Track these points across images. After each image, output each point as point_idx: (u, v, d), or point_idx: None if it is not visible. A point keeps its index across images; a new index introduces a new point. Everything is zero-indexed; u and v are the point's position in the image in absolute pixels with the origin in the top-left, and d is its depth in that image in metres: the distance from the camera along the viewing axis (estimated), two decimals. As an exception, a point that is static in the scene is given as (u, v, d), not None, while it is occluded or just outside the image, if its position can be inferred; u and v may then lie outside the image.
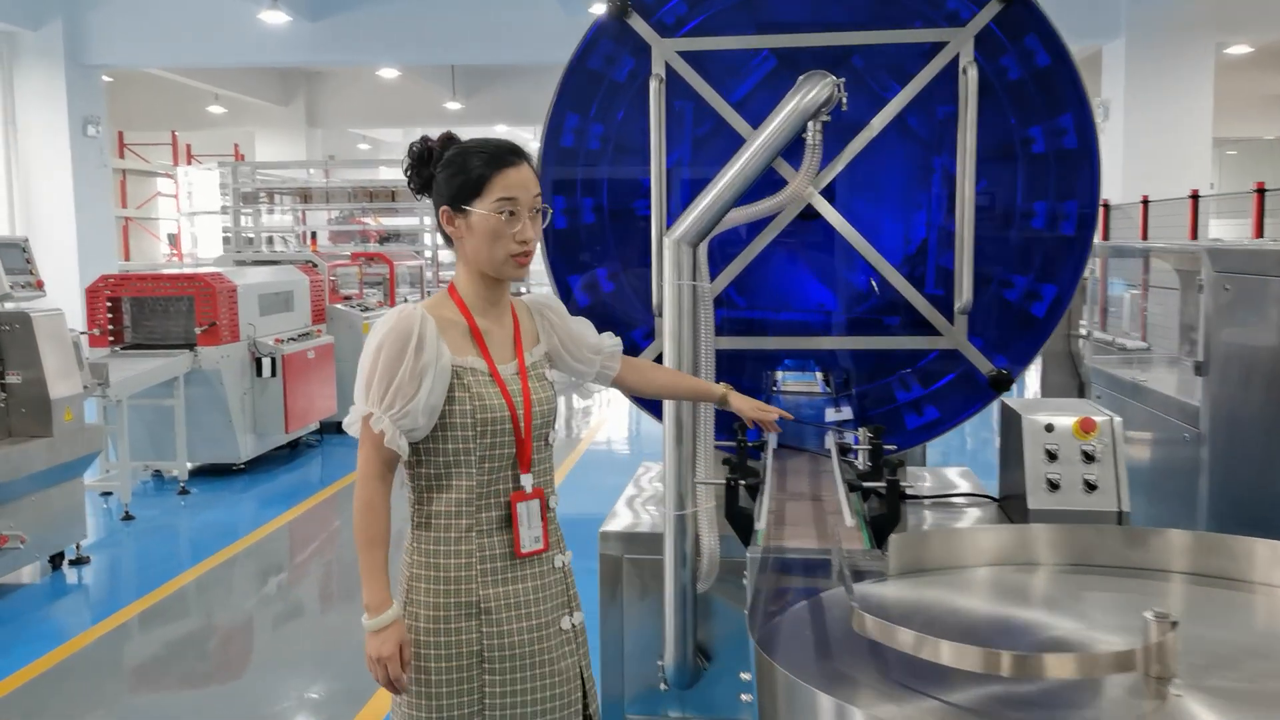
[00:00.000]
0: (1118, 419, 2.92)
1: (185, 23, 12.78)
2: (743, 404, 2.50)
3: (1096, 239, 3.06)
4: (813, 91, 2.79)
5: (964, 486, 3.36)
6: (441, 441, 2.04)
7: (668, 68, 3.06)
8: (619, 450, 9.78)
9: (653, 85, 3.03)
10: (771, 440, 2.91)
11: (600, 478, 7.99)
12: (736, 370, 3.21)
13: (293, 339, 8.35)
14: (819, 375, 3.34)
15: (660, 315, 3.11)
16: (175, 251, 18.24)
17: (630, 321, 3.24)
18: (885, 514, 2.43)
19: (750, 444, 2.95)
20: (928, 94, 3.02)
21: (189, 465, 7.73)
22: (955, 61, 2.96)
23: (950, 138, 3.07)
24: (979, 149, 2.94)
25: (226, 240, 15.13)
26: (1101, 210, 8.20)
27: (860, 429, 2.94)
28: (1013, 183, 3.03)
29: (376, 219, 16.61)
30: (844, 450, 2.91)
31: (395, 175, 17.95)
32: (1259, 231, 8.73)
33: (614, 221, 3.21)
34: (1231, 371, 3.64)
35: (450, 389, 2.02)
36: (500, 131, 22.98)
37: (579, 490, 7.32)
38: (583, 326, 2.34)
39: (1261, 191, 8.75)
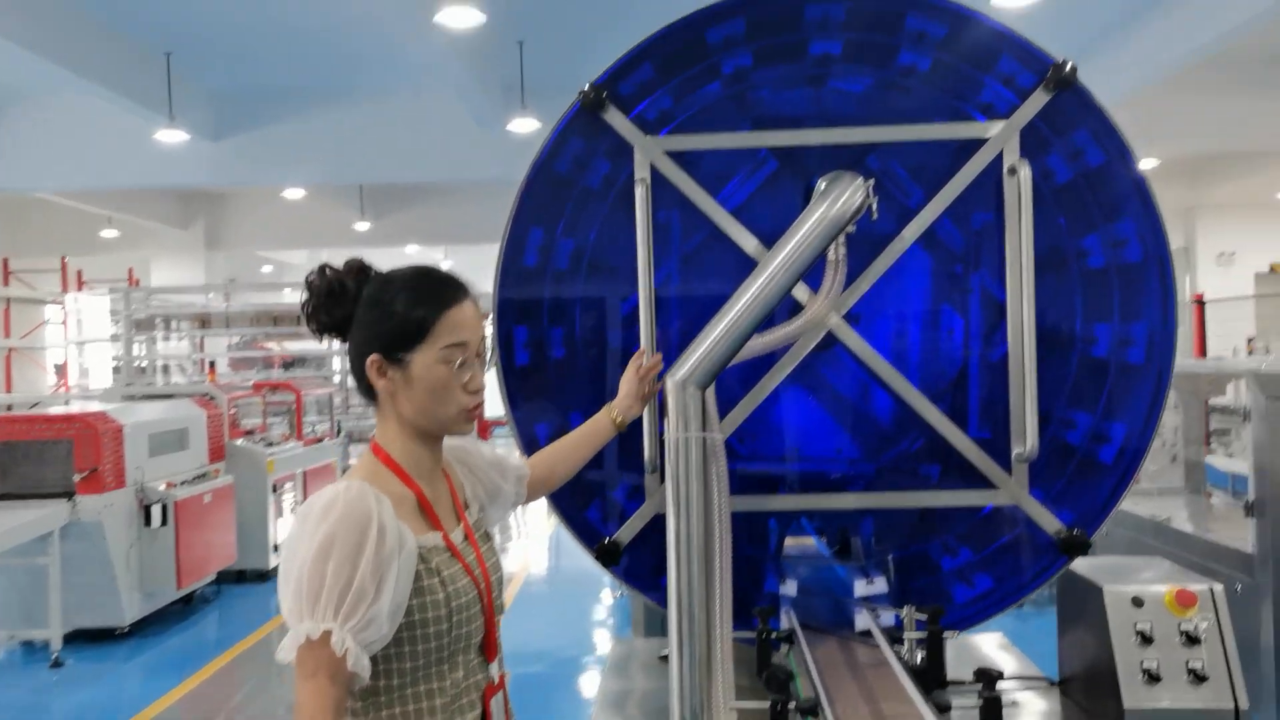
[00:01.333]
0: (1218, 587, 2.39)
1: (77, 144, 12.04)
2: (631, 397, 2.33)
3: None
4: (844, 197, 2.27)
5: (1007, 662, 2.77)
6: (407, 644, 1.67)
7: (653, 171, 2.53)
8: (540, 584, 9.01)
9: (638, 191, 2.48)
10: (795, 624, 2.31)
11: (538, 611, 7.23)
12: (736, 534, 2.61)
13: (187, 482, 7.50)
14: (841, 538, 2.75)
15: (655, 472, 2.51)
16: (62, 383, 17.12)
17: (611, 479, 2.63)
18: None
19: (775, 633, 2.35)
20: (962, 201, 2.54)
21: (63, 632, 6.74)
22: (996, 161, 2.49)
23: (989, 250, 2.58)
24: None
25: (117, 370, 14.13)
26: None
27: (907, 609, 2.36)
28: (1068, 303, 2.54)
29: (280, 344, 15.80)
30: (892, 638, 2.31)
31: (300, 298, 17.13)
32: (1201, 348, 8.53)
33: (590, 356, 2.62)
34: (1293, 512, 3.17)
35: (417, 578, 1.67)
36: (411, 253, 22.45)
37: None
38: (494, 459, 2.08)
39: (1201, 303, 8.59)
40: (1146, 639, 2.32)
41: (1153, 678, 2.28)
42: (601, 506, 2.63)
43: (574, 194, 2.61)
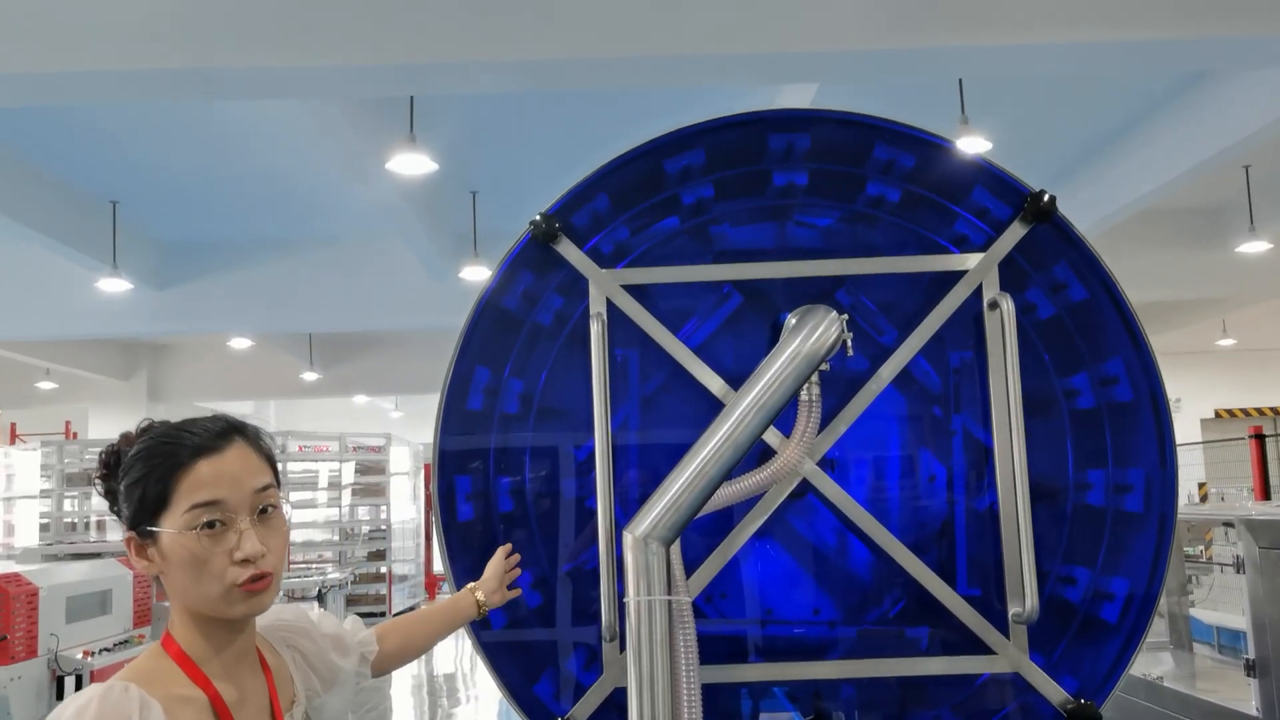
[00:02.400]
0: (1244, 763, 2.14)
1: (16, 293, 11.77)
2: (496, 580, 2.16)
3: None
4: (819, 331, 2.09)
5: None
6: None
7: (610, 306, 2.34)
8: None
9: (594, 327, 2.28)
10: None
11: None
12: (704, 708, 2.32)
13: (106, 649, 6.96)
14: (821, 710, 2.46)
15: (613, 640, 2.23)
16: (-13, 540, 16.31)
17: (565, 646, 2.34)
18: None
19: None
20: (938, 338, 2.37)
21: (-43, 821, 6.10)
22: (975, 295, 2.33)
23: (968, 390, 2.40)
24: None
25: (44, 528, 13.48)
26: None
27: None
28: (1058, 447, 2.35)
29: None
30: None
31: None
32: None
33: (540, 507, 2.37)
34: (1299, 671, 2.94)
35: None
36: (360, 403, 22.10)
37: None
38: (334, 633, 1.78)
39: (1260, 437, 8.28)
40: (1171, 827, 2.05)
41: None
42: (554, 679, 2.33)
43: (523, 331, 2.40)
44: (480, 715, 9.97)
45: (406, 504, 18.30)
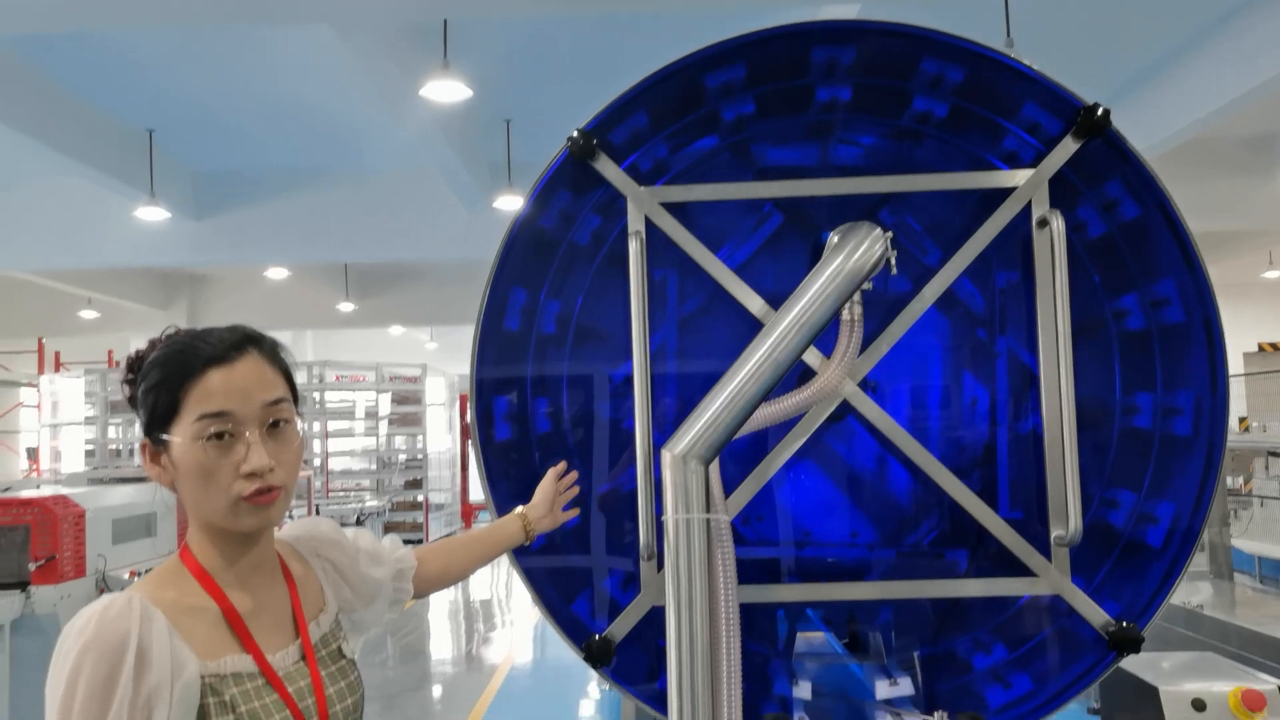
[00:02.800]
0: (1289, 687, 2.12)
1: (57, 223, 11.87)
2: (546, 505, 2.15)
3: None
4: (862, 248, 2.05)
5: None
6: None
7: (648, 225, 2.30)
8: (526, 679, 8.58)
9: (632, 246, 2.24)
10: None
11: None
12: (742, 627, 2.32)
13: (151, 570, 7.12)
14: (856, 633, 2.46)
15: (651, 559, 2.23)
16: (34, 467, 16.69)
17: (602, 566, 2.35)
18: None
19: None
20: (984, 258, 2.31)
21: (14, 733, 6.30)
22: (1023, 214, 2.27)
23: (1014, 312, 2.35)
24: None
25: (90, 454, 13.75)
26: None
27: (939, 714, 2.08)
28: (1106, 369, 2.30)
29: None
30: (926, 752, 2.02)
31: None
32: None
33: (578, 431, 2.36)
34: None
35: (204, 713, 1.35)
36: (396, 334, 22.23)
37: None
38: (368, 549, 1.76)
39: None
40: (1211, 749, 2.04)
41: (1221, 795, 2.00)
42: (590, 598, 2.34)
43: (560, 251, 2.37)
44: (516, 639, 10.14)
45: (442, 434, 18.49)
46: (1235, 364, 17.66)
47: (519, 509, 2.13)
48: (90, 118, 9.64)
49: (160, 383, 1.43)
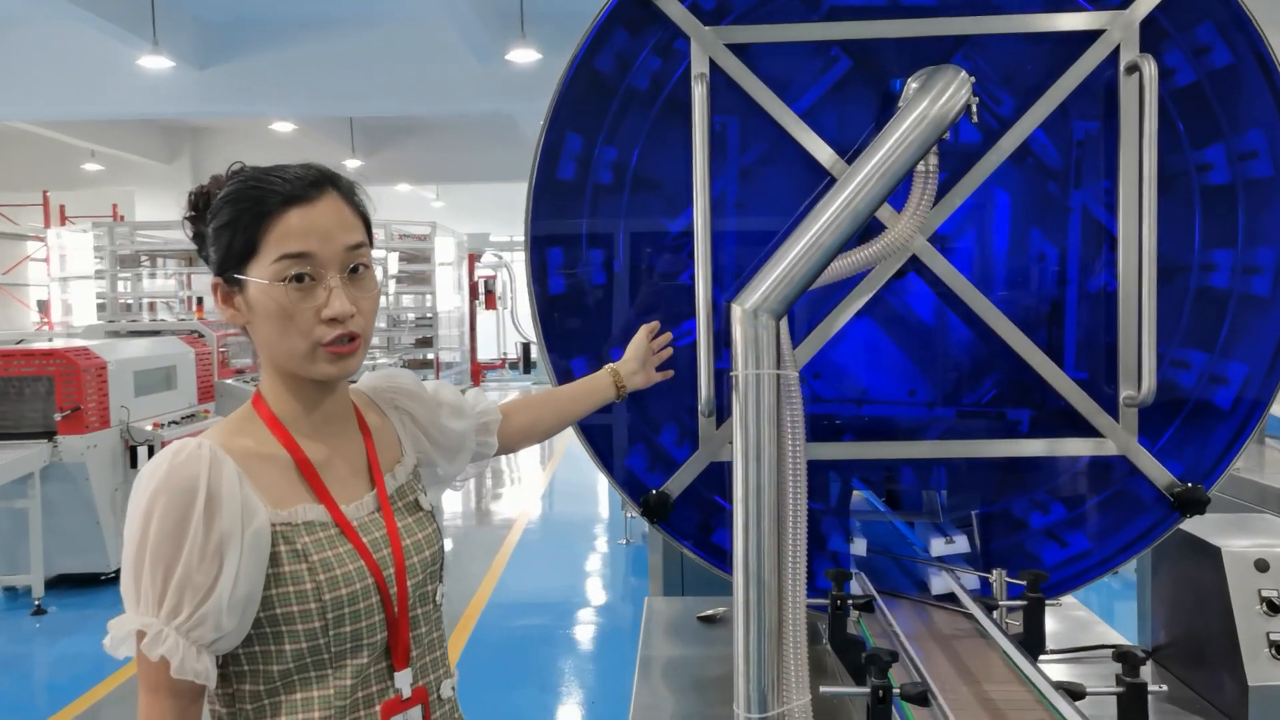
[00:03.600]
0: (1353, 549, 2.10)
1: (56, 71, 11.54)
2: (638, 362, 2.10)
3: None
4: (949, 91, 1.94)
5: (1081, 627, 2.49)
6: (271, 642, 1.33)
7: (712, 67, 2.18)
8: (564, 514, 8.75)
9: (696, 90, 2.13)
10: (871, 589, 2.03)
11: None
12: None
13: (175, 422, 7.18)
14: (909, 491, 2.45)
15: (710, 415, 2.19)
16: (45, 320, 16.71)
17: (657, 423, 2.32)
18: None
19: (850, 598, 2.07)
20: (1060, 108, 2.20)
21: (46, 577, 6.46)
22: (1106, 61, 2.15)
23: (1090, 166, 2.25)
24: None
25: (102, 307, 13.71)
26: None
27: (997, 573, 2.07)
28: (1185, 225, 2.21)
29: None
30: (989, 608, 2.02)
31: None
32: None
33: (635, 283, 2.29)
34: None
35: (275, 561, 1.32)
36: (403, 191, 21.97)
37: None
38: (449, 401, 1.71)
39: None
40: (1274, 607, 2.04)
41: (1281, 652, 2.01)
42: (646, 454, 2.32)
43: (618, 96, 2.26)
44: (524, 495, 10.31)
45: (451, 293, 18.42)
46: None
47: (610, 365, 2.07)
48: (89, -41, 9.27)
49: (236, 219, 1.36)
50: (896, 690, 1.61)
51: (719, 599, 2.69)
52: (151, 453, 6.69)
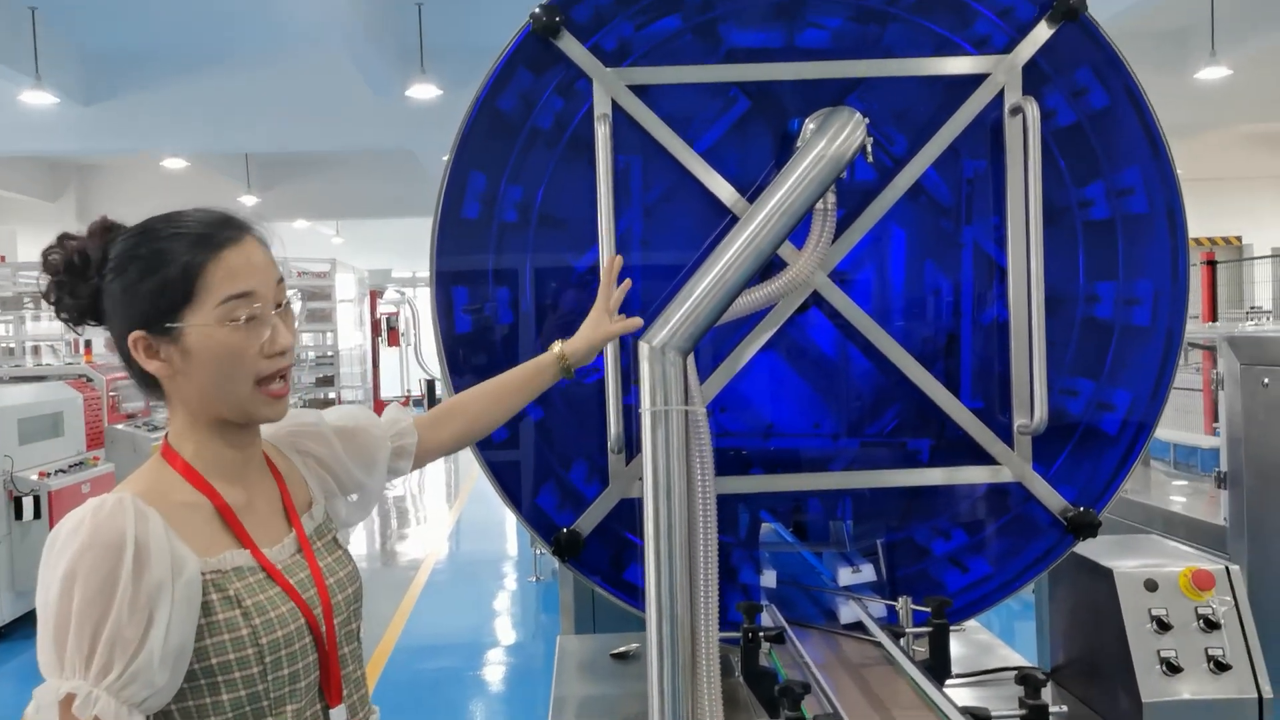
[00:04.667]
0: (1234, 566, 2.20)
1: (-71, 105, 11.11)
2: (594, 336, 1.94)
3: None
4: (845, 133, 1.99)
5: (986, 649, 2.55)
6: (207, 694, 1.31)
7: (615, 107, 2.21)
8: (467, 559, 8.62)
9: (599, 129, 2.16)
10: (781, 620, 2.06)
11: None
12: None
13: (62, 470, 6.89)
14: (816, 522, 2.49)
15: (619, 452, 2.20)
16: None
17: (566, 460, 2.31)
18: None
19: (761, 632, 2.09)
20: (950, 147, 2.28)
21: (-77, 638, 6.13)
22: (994, 102, 2.24)
23: (980, 202, 2.33)
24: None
25: (-21, 352, 13.16)
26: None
27: (903, 600, 2.12)
28: (1069, 258, 2.31)
29: (161, 323, 14.90)
30: (895, 635, 2.06)
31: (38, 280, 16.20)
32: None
33: (541, 320, 2.29)
34: (1269, 483, 3.03)
35: (207, 610, 1.31)
36: (300, 228, 21.59)
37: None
38: (356, 429, 1.69)
39: (1213, 264, 8.24)
40: (1164, 625, 2.12)
41: (1172, 668, 2.08)
42: (556, 492, 2.31)
43: (522, 135, 2.27)
44: (431, 534, 10.16)
45: (352, 331, 18.14)
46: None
47: (553, 348, 1.96)
48: (-35, -9, 8.97)
49: (159, 268, 1.33)
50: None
51: (632, 635, 2.68)
52: (38, 503, 6.43)
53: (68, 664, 1.22)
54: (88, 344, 13.22)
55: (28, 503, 6.39)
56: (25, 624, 6.91)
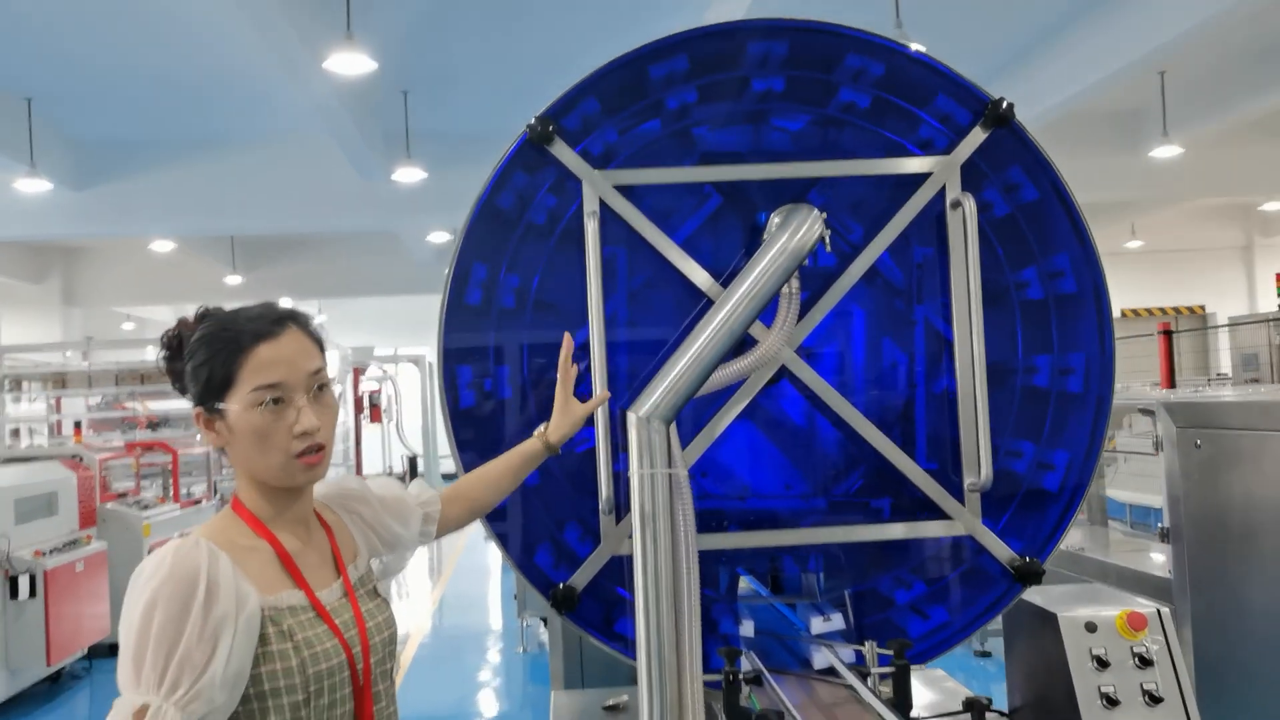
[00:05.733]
0: (1165, 609, 2.44)
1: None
2: (566, 423, 2.21)
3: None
4: (804, 228, 2.28)
5: (954, 694, 2.77)
6: (257, 717, 1.53)
7: (602, 204, 2.49)
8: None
9: (589, 225, 2.43)
10: (758, 664, 2.27)
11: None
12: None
13: (57, 549, 7.02)
14: (785, 575, 2.72)
15: (610, 513, 2.43)
16: (-100, 449, 15.90)
17: (561, 519, 2.54)
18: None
19: (741, 674, 2.30)
20: (901, 235, 2.56)
21: (-84, 717, 6.20)
22: (938, 196, 2.53)
23: (929, 284, 2.61)
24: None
25: (-33, 434, 13.21)
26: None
27: (869, 644, 2.34)
28: (1009, 334, 2.59)
29: (144, 404, 15.05)
30: (862, 675, 2.28)
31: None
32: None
33: (539, 395, 2.54)
34: (1206, 537, 3.29)
35: (263, 641, 1.53)
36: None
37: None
38: (393, 498, 1.96)
39: (1169, 333, 8.59)
40: (1103, 663, 2.35)
41: (1111, 701, 2.31)
42: (552, 551, 2.54)
43: (518, 230, 2.54)
44: (415, 610, 10.24)
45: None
46: (1100, 328, 18.74)
47: (538, 430, 2.24)
48: (-37, 84, 9.28)
49: (211, 358, 1.59)
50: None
51: (620, 688, 2.88)
52: (34, 583, 6.54)
53: (144, 680, 1.44)
54: (76, 425, 13.33)
55: (23, 581, 6.51)
56: (20, 702, 6.97)
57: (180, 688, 1.43)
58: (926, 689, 2.75)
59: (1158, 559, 3.70)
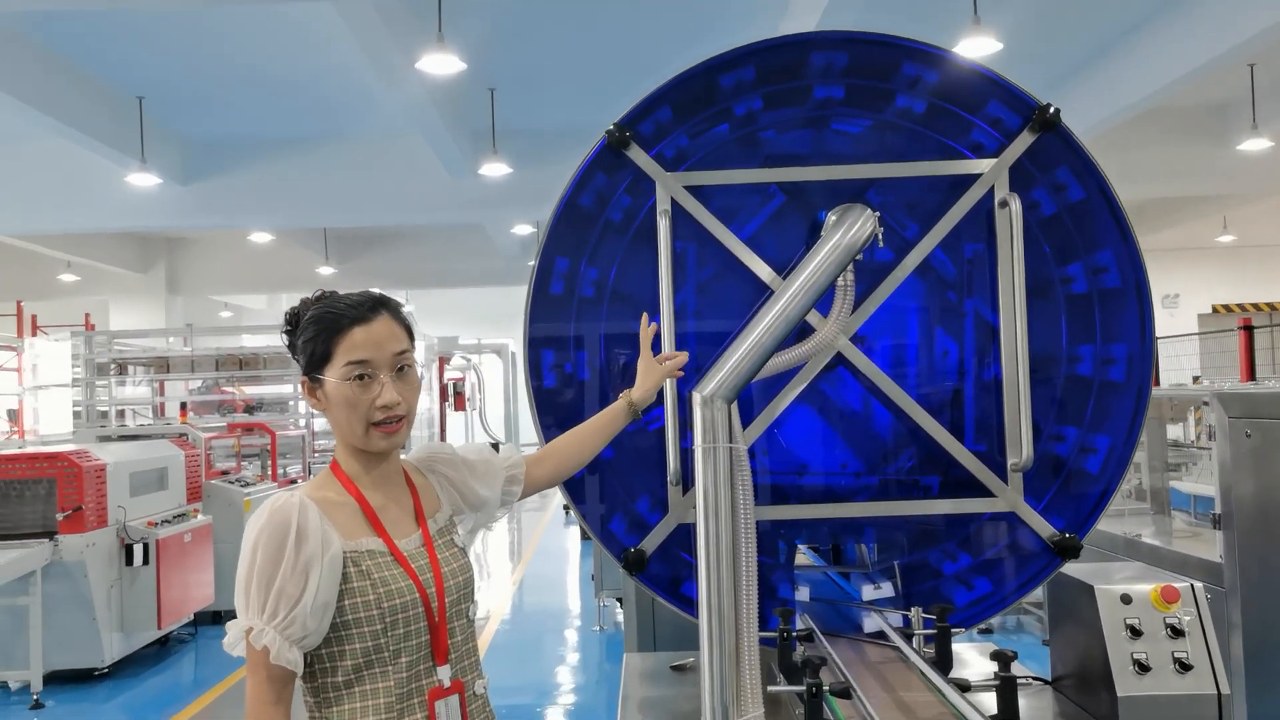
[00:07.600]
0: (1197, 584, 2.59)
1: (46, 186, 12.07)
2: (649, 381, 2.41)
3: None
4: (856, 226, 2.48)
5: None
6: (344, 643, 1.80)
7: (673, 203, 2.72)
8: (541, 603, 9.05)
9: (661, 223, 2.67)
10: (811, 624, 2.49)
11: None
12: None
13: (167, 521, 7.51)
14: (842, 547, 2.93)
15: (677, 484, 2.67)
16: (16, 429, 16.86)
17: (633, 491, 2.79)
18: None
19: (794, 633, 2.52)
20: (954, 232, 2.75)
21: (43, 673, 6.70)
22: (988, 195, 2.71)
23: (979, 278, 2.79)
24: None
25: (77, 415, 13.96)
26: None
27: (915, 610, 2.54)
28: (1054, 325, 2.76)
29: (240, 388, 15.71)
30: (907, 636, 2.49)
31: (259, 342, 17.18)
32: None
33: (614, 377, 2.79)
34: (1256, 522, 3.40)
35: (346, 579, 1.79)
36: (372, 296, 22.43)
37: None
38: (479, 461, 2.17)
39: (1249, 329, 8.53)
40: (1136, 632, 2.52)
41: (1143, 668, 2.48)
42: (625, 519, 2.78)
43: (597, 227, 2.79)
44: (496, 591, 10.57)
45: (422, 394, 18.77)
46: (1190, 325, 18.37)
47: (624, 394, 2.43)
48: (82, 83, 9.86)
49: (316, 335, 1.87)
50: (826, 688, 2.06)
51: (688, 651, 3.12)
52: (147, 551, 7.02)
53: (250, 608, 1.74)
54: (183, 406, 14.00)
55: (138, 549, 6.99)
56: (132, 663, 7.48)
57: (279, 615, 1.72)
58: (980, 657, 2.94)
59: (1211, 545, 3.82)
